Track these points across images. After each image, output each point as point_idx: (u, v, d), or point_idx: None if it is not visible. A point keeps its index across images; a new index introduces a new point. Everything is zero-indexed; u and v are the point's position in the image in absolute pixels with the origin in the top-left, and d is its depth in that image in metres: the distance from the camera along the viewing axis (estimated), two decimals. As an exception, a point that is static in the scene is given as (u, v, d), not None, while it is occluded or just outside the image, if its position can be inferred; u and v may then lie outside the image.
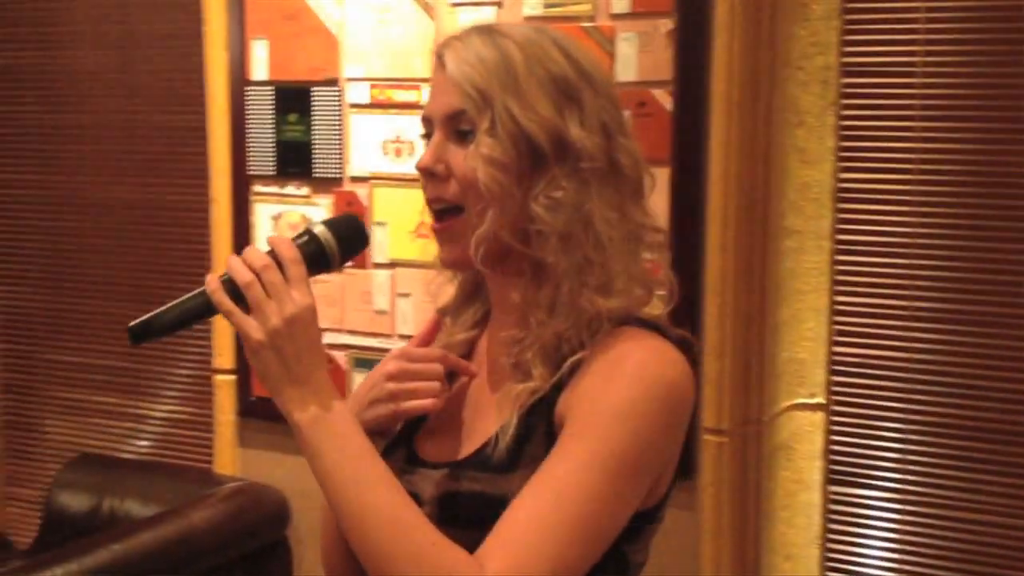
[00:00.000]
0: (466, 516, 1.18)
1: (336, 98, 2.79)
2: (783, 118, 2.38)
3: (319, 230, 1.21)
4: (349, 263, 1.28)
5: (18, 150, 3.54)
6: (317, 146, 2.82)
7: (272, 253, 1.16)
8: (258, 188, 2.87)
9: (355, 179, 2.79)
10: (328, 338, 2.80)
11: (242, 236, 2.87)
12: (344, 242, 1.21)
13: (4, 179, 3.57)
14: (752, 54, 2.32)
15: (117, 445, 3.42)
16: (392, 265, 2.75)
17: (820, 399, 2.44)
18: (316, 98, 2.80)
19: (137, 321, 1.16)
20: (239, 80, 2.86)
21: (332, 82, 2.79)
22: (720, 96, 2.32)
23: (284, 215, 2.82)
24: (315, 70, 2.79)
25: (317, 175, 2.82)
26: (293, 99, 2.82)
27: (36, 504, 3.39)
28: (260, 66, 2.84)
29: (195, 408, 3.22)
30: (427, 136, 1.28)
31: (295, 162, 2.82)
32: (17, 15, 3.49)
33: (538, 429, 1.20)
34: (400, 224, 2.73)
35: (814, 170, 2.39)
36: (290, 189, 2.84)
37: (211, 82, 2.87)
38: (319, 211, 2.83)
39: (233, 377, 2.90)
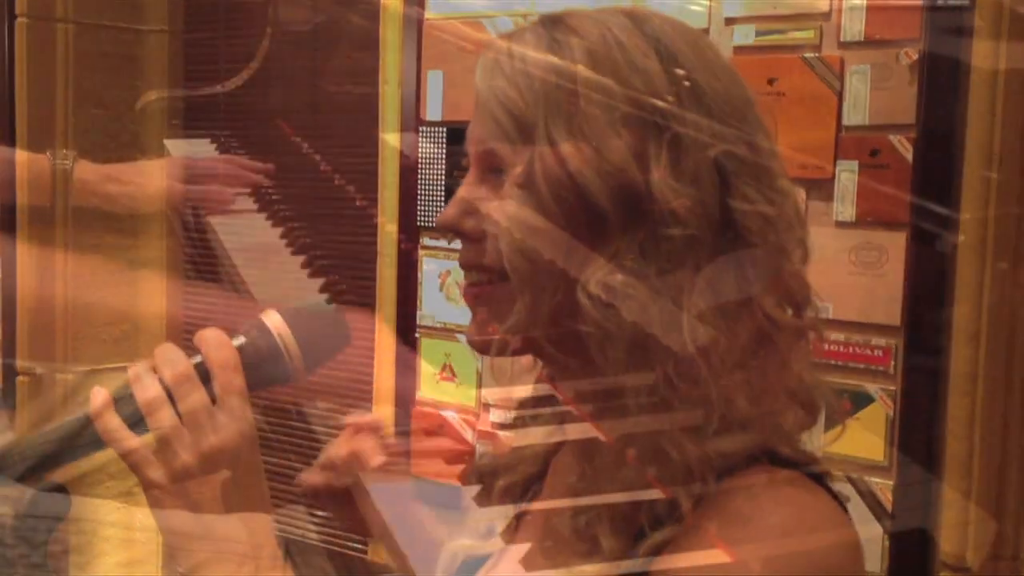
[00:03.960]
0: None
1: (515, 140, 2.42)
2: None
3: (272, 322, 0.84)
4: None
5: (210, 191, 3.41)
6: (490, 195, 2.46)
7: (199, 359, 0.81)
8: (426, 241, 2.54)
9: (531, 234, 2.40)
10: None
11: (408, 294, 2.54)
12: (309, 340, 0.85)
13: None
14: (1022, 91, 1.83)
15: (291, 521, 3.19)
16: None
17: (1105, 532, 1.94)
18: (492, 140, 2.43)
19: None
20: (412, 119, 2.54)
21: (512, 122, 2.43)
22: (976, 145, 1.84)
23: (452, 272, 2.48)
24: (494, 108, 2.44)
25: (489, 228, 2.47)
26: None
27: None
28: (435, 104, 2.51)
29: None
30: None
31: (465, 213, 2.46)
32: (212, 51, 3.36)
33: None
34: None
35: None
36: (458, 243, 2.48)
37: (384, 121, 2.57)
38: (491, 269, 2.47)
39: (391, 454, 2.56)
